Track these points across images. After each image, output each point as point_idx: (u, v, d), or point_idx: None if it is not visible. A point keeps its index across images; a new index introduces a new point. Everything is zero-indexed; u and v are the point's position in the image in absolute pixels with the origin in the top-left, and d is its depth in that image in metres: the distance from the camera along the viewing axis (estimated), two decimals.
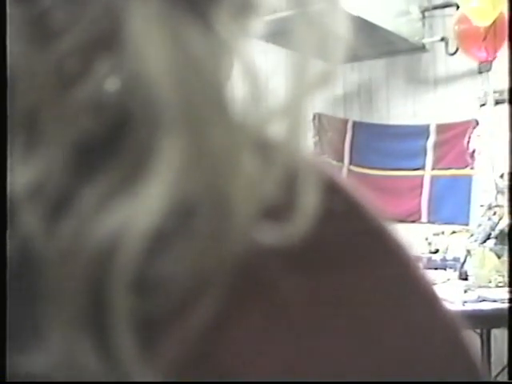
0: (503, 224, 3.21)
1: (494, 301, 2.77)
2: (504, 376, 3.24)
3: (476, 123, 4.34)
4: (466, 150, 4.37)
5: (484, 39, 3.83)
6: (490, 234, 3.21)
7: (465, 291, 2.92)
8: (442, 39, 4.50)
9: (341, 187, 0.28)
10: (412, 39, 4.43)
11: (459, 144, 4.41)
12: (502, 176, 3.88)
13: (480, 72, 4.17)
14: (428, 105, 4.61)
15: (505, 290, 2.82)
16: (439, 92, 4.58)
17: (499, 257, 3.11)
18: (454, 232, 3.96)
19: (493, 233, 3.21)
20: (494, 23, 3.75)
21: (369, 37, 3.99)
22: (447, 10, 4.45)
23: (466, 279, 3.15)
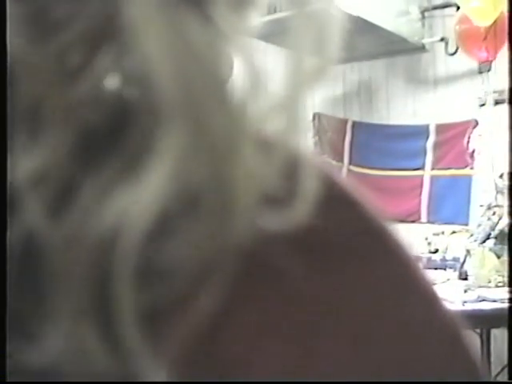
0: (503, 224, 3.21)
1: (494, 301, 2.77)
2: (504, 376, 3.24)
3: (476, 123, 4.34)
4: (466, 150, 4.37)
5: (484, 39, 3.83)
6: (490, 234, 3.21)
7: (465, 291, 2.92)
8: (442, 39, 4.50)
9: (340, 187, 0.28)
10: (412, 39, 4.42)
11: (459, 144, 4.40)
12: (502, 176, 3.88)
13: (480, 72, 4.17)
14: (428, 105, 4.61)
15: (504, 290, 2.82)
16: (439, 92, 4.58)
17: (499, 257, 3.11)
18: (454, 232, 3.95)
19: (492, 233, 3.21)
20: (495, 23, 3.75)
21: (369, 37, 3.99)
22: (447, 10, 4.45)
23: (466, 279, 3.15)
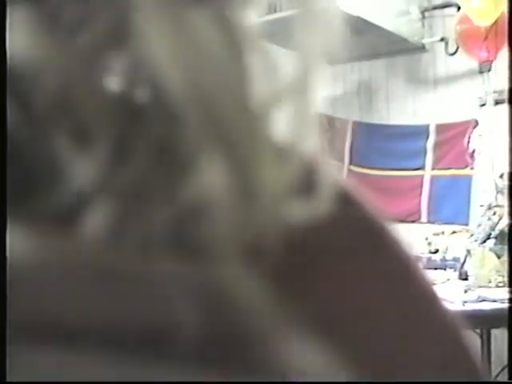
0: (503, 224, 3.21)
1: (494, 301, 2.76)
2: (504, 376, 3.24)
3: (476, 123, 4.34)
4: (466, 150, 4.36)
5: (485, 39, 3.83)
6: (490, 234, 3.21)
7: (465, 291, 2.92)
8: (442, 39, 4.50)
9: (341, 186, 0.28)
10: (412, 39, 4.43)
11: (459, 144, 4.40)
12: (502, 176, 3.87)
13: (481, 72, 4.17)
14: (428, 105, 4.60)
15: (505, 290, 2.82)
16: (439, 92, 4.57)
17: (499, 257, 3.11)
18: (454, 232, 3.95)
19: (493, 233, 3.21)
20: (496, 23, 3.74)
21: (369, 37, 3.99)
22: (447, 10, 4.44)
23: (466, 279, 3.15)
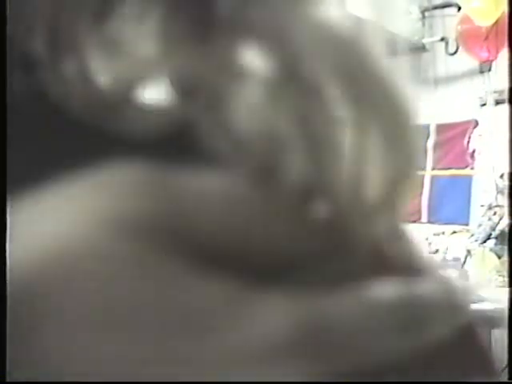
0: (503, 224, 3.21)
1: (494, 301, 2.77)
2: (504, 376, 3.23)
3: (476, 123, 4.34)
4: (466, 150, 4.36)
5: (486, 39, 3.83)
6: (491, 234, 3.21)
7: None
8: (442, 39, 4.50)
9: None
10: (412, 39, 4.42)
11: (459, 144, 4.40)
12: (502, 176, 3.88)
13: (481, 72, 4.17)
14: (428, 105, 4.60)
15: (505, 290, 2.82)
16: (439, 92, 4.57)
17: (499, 257, 3.11)
18: (455, 232, 3.96)
19: (493, 233, 3.21)
20: (496, 23, 3.74)
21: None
22: (447, 10, 4.45)
23: (467, 279, 3.15)
